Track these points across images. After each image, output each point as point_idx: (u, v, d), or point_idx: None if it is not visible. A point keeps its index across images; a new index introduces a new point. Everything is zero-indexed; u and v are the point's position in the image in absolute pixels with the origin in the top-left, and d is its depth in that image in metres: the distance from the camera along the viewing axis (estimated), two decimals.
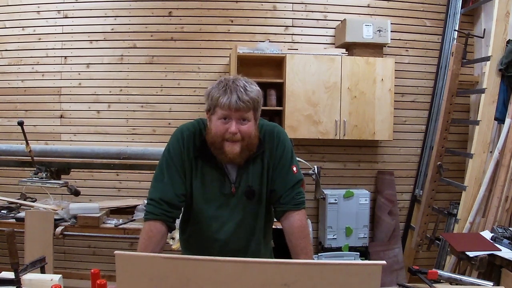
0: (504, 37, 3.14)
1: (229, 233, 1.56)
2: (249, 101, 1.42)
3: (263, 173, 1.56)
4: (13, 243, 1.44)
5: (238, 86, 1.43)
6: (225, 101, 1.41)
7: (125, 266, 1.06)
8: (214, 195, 1.54)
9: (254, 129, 1.49)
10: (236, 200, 1.55)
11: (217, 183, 1.54)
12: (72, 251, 3.79)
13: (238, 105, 1.41)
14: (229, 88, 1.43)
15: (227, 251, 1.56)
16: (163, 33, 3.81)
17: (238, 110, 1.42)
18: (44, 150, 3.07)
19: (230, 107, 1.41)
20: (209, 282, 1.02)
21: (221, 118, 1.45)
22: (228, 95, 1.42)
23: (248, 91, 1.43)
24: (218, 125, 1.45)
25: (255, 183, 1.55)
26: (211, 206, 1.55)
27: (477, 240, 2.54)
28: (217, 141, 1.47)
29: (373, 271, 1.00)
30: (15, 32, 3.78)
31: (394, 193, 3.88)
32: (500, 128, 3.16)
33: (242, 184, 1.54)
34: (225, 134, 1.44)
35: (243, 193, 1.54)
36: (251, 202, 1.56)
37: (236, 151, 1.46)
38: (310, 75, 3.52)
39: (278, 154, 1.57)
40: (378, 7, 3.91)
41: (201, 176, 1.54)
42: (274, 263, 1.05)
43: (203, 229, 1.57)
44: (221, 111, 1.43)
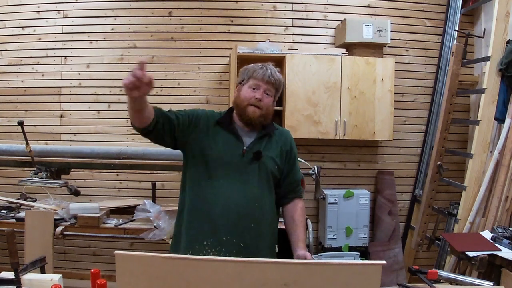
0: (504, 37, 3.14)
1: (234, 192, 1.70)
2: (277, 79, 1.79)
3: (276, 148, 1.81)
4: (13, 243, 1.44)
5: (271, 67, 1.80)
6: (261, 73, 1.77)
7: (125, 266, 1.06)
8: (225, 154, 1.74)
9: (271, 105, 1.82)
10: (245, 161, 1.74)
11: (231, 145, 1.76)
12: (72, 251, 3.79)
13: (270, 78, 1.76)
14: (265, 67, 1.79)
15: (230, 213, 1.68)
16: (163, 33, 3.81)
17: (268, 83, 1.77)
18: (44, 150, 3.07)
19: (264, 78, 1.76)
20: (209, 282, 1.02)
21: (252, 87, 1.77)
22: (264, 70, 1.78)
23: (277, 74, 1.81)
24: (248, 91, 1.77)
25: (266, 153, 1.77)
26: (223, 164, 1.73)
27: (477, 240, 2.54)
28: (243, 104, 1.77)
29: (373, 271, 1.00)
30: (15, 32, 3.78)
31: (394, 193, 3.88)
32: (500, 128, 3.16)
33: (253, 149, 1.76)
34: (252, 99, 1.75)
35: (252, 154, 1.75)
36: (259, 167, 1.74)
37: (257, 114, 1.76)
38: (310, 75, 3.52)
39: (292, 146, 1.89)
40: (378, 7, 3.91)
41: (218, 138, 1.76)
42: (274, 263, 1.05)
43: (214, 186, 1.71)
44: (254, 81, 1.77)
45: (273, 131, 1.85)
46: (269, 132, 1.83)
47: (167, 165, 3.02)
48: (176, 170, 2.97)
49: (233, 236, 1.68)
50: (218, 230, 1.68)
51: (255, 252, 1.70)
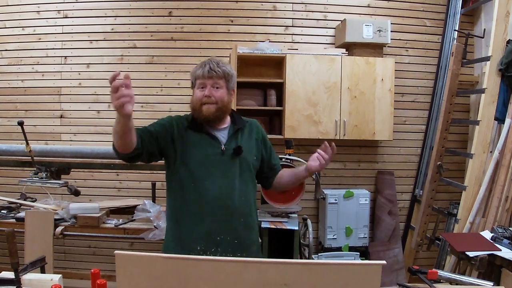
0: (504, 37, 3.14)
1: (221, 190, 1.72)
2: (219, 70, 1.76)
3: (250, 140, 1.85)
4: (13, 243, 1.44)
5: (211, 61, 1.79)
6: (200, 71, 1.77)
7: (125, 266, 1.06)
8: (205, 155, 1.76)
9: (226, 96, 1.79)
10: (227, 158, 1.76)
11: (208, 145, 1.77)
12: (72, 251, 3.79)
13: (211, 72, 1.75)
14: (204, 63, 1.79)
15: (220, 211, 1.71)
16: (163, 33, 3.81)
17: (210, 77, 1.75)
18: (44, 150, 3.07)
19: (204, 75, 1.76)
20: (209, 282, 1.02)
21: (199, 87, 1.78)
22: (202, 67, 1.78)
23: (220, 65, 1.78)
24: (197, 93, 1.78)
25: (244, 146, 1.80)
26: (203, 166, 1.75)
27: (477, 240, 2.54)
28: (197, 105, 1.77)
29: (373, 271, 1.00)
30: (15, 32, 3.78)
31: (394, 193, 3.88)
32: (500, 128, 3.16)
33: (232, 144, 1.79)
34: (202, 99, 1.75)
35: (232, 150, 1.77)
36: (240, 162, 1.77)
37: (212, 111, 1.75)
38: (310, 75, 3.52)
39: (263, 134, 1.93)
40: (378, 7, 3.91)
41: (195, 141, 1.78)
42: (274, 263, 1.05)
43: (198, 189, 1.72)
44: (198, 81, 1.78)
45: (244, 124, 1.87)
46: (241, 126, 1.85)
47: None
48: None
49: (227, 234, 1.71)
50: (210, 232, 1.70)
51: (249, 245, 1.76)
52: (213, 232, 1.70)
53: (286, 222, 3.01)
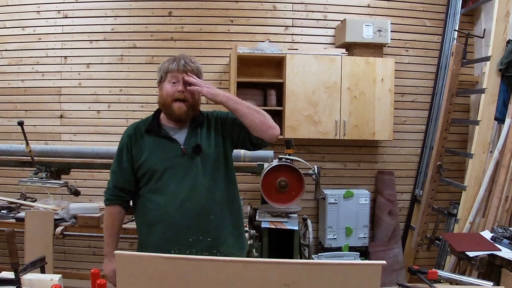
0: (504, 37, 3.14)
1: (186, 191, 1.69)
2: (193, 67, 1.74)
3: (210, 134, 1.79)
4: (13, 243, 1.44)
5: (184, 57, 1.76)
6: (174, 66, 1.72)
7: (125, 266, 1.06)
8: (167, 159, 1.72)
9: (198, 94, 1.76)
10: (187, 158, 1.72)
11: (168, 148, 1.74)
12: (72, 251, 3.79)
13: (186, 67, 1.72)
14: (177, 58, 1.75)
15: (188, 213, 1.67)
16: (163, 33, 3.81)
17: (185, 72, 1.71)
18: (44, 150, 3.06)
19: (179, 69, 1.71)
20: (209, 282, 1.02)
21: (171, 82, 1.73)
22: (177, 61, 1.74)
23: (193, 61, 1.76)
24: (168, 88, 1.73)
25: (204, 143, 1.76)
26: (166, 170, 1.71)
27: (477, 240, 2.54)
28: (167, 101, 1.73)
29: (373, 271, 1.00)
30: (15, 32, 3.78)
31: (394, 193, 3.88)
32: (500, 128, 3.16)
33: (191, 144, 1.74)
34: (174, 94, 1.71)
35: (191, 148, 1.73)
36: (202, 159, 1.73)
37: (184, 109, 1.72)
38: (310, 75, 3.52)
39: (220, 115, 1.85)
40: (378, 7, 3.91)
41: (153, 147, 1.75)
42: (274, 263, 1.05)
43: (163, 193, 1.70)
44: (170, 75, 1.73)
45: (204, 119, 1.82)
46: (199, 122, 1.80)
47: None
48: None
49: (198, 234, 1.69)
50: (181, 234, 1.68)
51: (222, 241, 1.73)
52: (184, 234, 1.68)
53: (286, 222, 3.01)
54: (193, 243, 1.67)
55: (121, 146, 1.83)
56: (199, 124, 1.80)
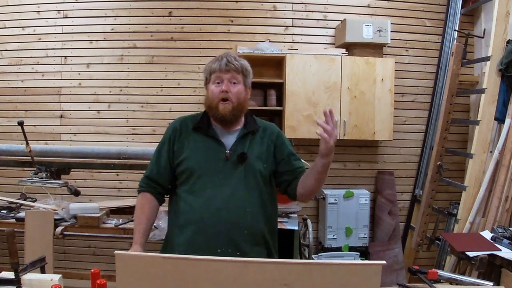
0: (504, 37, 3.14)
1: (223, 198, 1.61)
2: (237, 64, 1.67)
3: (262, 147, 1.71)
4: (13, 243, 1.44)
5: (227, 55, 1.70)
6: (216, 65, 1.67)
7: (125, 266, 1.06)
8: (208, 162, 1.66)
9: (243, 94, 1.70)
10: (230, 165, 1.66)
11: (212, 150, 1.68)
12: (72, 251, 3.79)
13: (228, 66, 1.65)
14: (220, 56, 1.70)
15: (222, 222, 1.60)
16: (163, 33, 3.81)
17: (228, 71, 1.66)
18: (44, 150, 3.06)
19: (221, 68, 1.66)
20: (209, 282, 1.02)
21: (215, 82, 1.67)
22: (219, 61, 1.68)
23: (237, 59, 1.69)
24: (213, 89, 1.68)
25: (252, 153, 1.68)
26: (206, 172, 1.65)
27: (477, 240, 2.54)
28: (213, 103, 1.67)
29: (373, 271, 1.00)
30: (15, 32, 3.78)
31: (394, 193, 3.88)
32: (500, 128, 3.16)
33: (237, 150, 1.67)
34: (219, 95, 1.65)
35: (236, 157, 1.66)
36: (245, 169, 1.65)
37: (228, 109, 1.66)
38: (310, 75, 3.52)
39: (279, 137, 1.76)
40: (378, 7, 3.91)
41: (196, 146, 1.69)
42: (274, 263, 1.05)
43: (199, 196, 1.63)
44: (214, 75, 1.68)
45: (257, 128, 1.74)
46: (252, 130, 1.72)
47: None
48: None
49: (228, 247, 1.59)
50: (211, 243, 1.60)
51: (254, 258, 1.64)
52: (214, 243, 1.59)
53: (286, 222, 3.01)
54: (221, 254, 1.56)
55: (164, 139, 1.77)
56: (250, 131, 1.72)
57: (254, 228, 1.64)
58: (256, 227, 1.65)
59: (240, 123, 1.74)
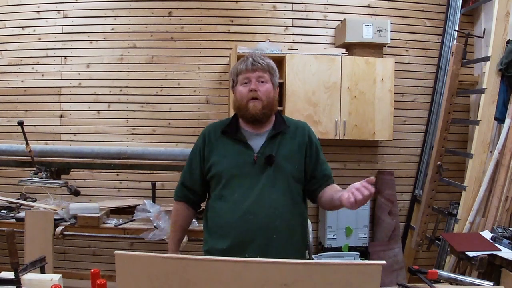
0: (504, 37, 3.14)
1: (250, 202, 1.60)
2: (263, 63, 1.68)
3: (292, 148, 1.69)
4: (13, 243, 1.44)
5: (253, 55, 1.71)
6: (243, 66, 1.67)
7: (125, 266, 1.06)
8: (236, 165, 1.65)
9: (272, 92, 1.70)
10: (258, 168, 1.64)
11: (240, 154, 1.67)
12: (72, 251, 3.79)
13: (255, 65, 1.66)
14: (246, 57, 1.70)
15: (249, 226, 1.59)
16: (163, 33, 3.81)
17: (254, 70, 1.66)
18: (44, 150, 3.06)
19: (247, 68, 1.66)
20: (209, 282, 1.02)
21: (243, 83, 1.67)
22: (245, 61, 1.68)
23: (262, 58, 1.70)
24: (241, 89, 1.67)
25: (281, 155, 1.66)
26: (234, 177, 1.65)
27: (477, 240, 2.54)
28: (242, 103, 1.67)
29: (373, 271, 1.00)
30: (15, 32, 3.78)
31: (394, 193, 3.88)
32: (500, 128, 3.16)
33: (264, 153, 1.66)
34: (248, 94, 1.65)
35: (264, 159, 1.64)
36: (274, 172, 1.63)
37: (258, 108, 1.64)
38: (310, 75, 3.52)
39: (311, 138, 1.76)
40: (378, 7, 3.91)
41: (224, 151, 1.69)
42: (274, 263, 1.05)
43: (227, 201, 1.64)
44: (241, 76, 1.67)
45: (286, 128, 1.72)
46: (281, 130, 1.70)
47: (167, 165, 3.02)
48: (176, 170, 2.96)
49: (256, 253, 1.56)
50: (238, 248, 1.58)
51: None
52: (241, 248, 1.57)
53: None
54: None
55: (195, 146, 1.79)
56: (279, 132, 1.70)
57: (283, 231, 1.62)
58: (285, 230, 1.63)
59: (270, 124, 1.74)
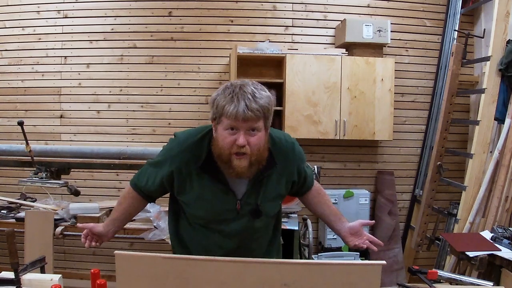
0: (504, 37, 3.14)
1: (233, 244, 1.51)
2: (258, 109, 1.29)
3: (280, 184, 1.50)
4: (13, 243, 1.44)
5: (246, 93, 1.30)
6: (232, 110, 1.28)
7: (125, 266, 1.06)
8: (216, 209, 1.46)
9: (264, 140, 1.37)
10: (240, 217, 1.46)
11: (220, 199, 1.44)
12: (72, 251, 3.79)
13: (246, 114, 1.27)
14: (236, 96, 1.29)
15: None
16: (163, 33, 3.81)
17: (246, 120, 1.29)
18: (44, 150, 3.07)
19: (237, 117, 1.28)
20: (209, 282, 1.02)
21: (228, 128, 1.32)
22: (235, 103, 1.28)
23: (257, 98, 1.30)
24: (225, 137, 1.33)
25: (266, 201, 1.48)
26: (212, 222, 1.49)
27: (477, 240, 2.54)
28: (224, 154, 1.34)
29: (373, 271, 1.00)
30: (15, 32, 3.78)
31: (394, 193, 3.88)
32: (500, 128, 3.16)
33: (249, 201, 1.45)
34: (233, 147, 1.32)
35: (249, 211, 1.45)
36: (261, 222, 1.51)
37: (244, 165, 1.34)
38: (310, 75, 3.52)
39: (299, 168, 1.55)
40: (378, 7, 3.91)
41: (202, 192, 1.45)
42: (274, 263, 1.05)
43: (207, 238, 1.52)
44: (228, 121, 1.31)
45: (272, 167, 1.45)
46: (269, 171, 1.45)
47: None
48: None
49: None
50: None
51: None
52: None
53: (286, 222, 3.02)
54: None
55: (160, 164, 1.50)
56: (266, 174, 1.45)
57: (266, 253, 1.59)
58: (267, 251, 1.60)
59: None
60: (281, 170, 1.48)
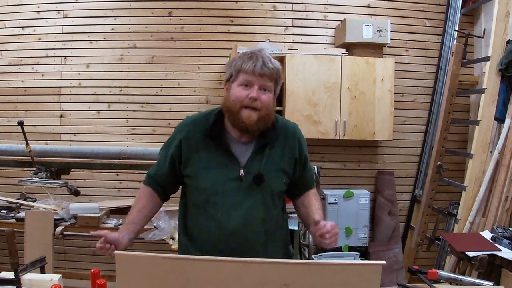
0: (504, 37, 3.14)
1: (236, 222, 1.47)
2: (273, 69, 1.45)
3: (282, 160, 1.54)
4: (13, 243, 1.44)
5: (263, 55, 1.45)
6: (250, 66, 1.42)
7: (125, 266, 1.06)
8: (220, 179, 1.48)
9: (272, 102, 1.50)
10: (244, 185, 1.47)
11: (224, 167, 1.48)
12: (72, 251, 3.80)
13: (263, 70, 1.42)
14: (255, 55, 1.44)
15: (235, 244, 1.47)
16: (163, 33, 3.81)
17: (262, 75, 1.42)
18: (44, 150, 3.07)
19: (255, 72, 1.42)
20: (209, 282, 1.02)
21: (243, 84, 1.44)
22: (254, 60, 1.43)
23: (272, 61, 1.46)
24: (239, 90, 1.44)
25: (270, 170, 1.50)
26: (217, 192, 1.48)
27: (477, 240, 2.54)
28: (235, 107, 1.44)
29: (373, 271, 1.00)
30: (15, 32, 3.78)
31: (394, 193, 3.88)
32: (500, 128, 3.16)
33: (252, 169, 1.48)
34: (245, 100, 1.42)
35: (251, 178, 1.47)
36: (262, 190, 1.49)
37: (253, 119, 1.43)
38: (310, 75, 3.52)
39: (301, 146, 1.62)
40: (378, 7, 3.91)
41: (206, 162, 1.50)
42: (274, 263, 1.05)
43: (209, 217, 1.49)
44: (244, 76, 1.43)
45: (275, 136, 1.53)
46: (270, 140, 1.52)
47: None
48: None
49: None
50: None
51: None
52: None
53: None
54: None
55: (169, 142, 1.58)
56: (268, 141, 1.51)
57: (269, 243, 1.54)
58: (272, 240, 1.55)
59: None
60: (283, 144, 1.55)
